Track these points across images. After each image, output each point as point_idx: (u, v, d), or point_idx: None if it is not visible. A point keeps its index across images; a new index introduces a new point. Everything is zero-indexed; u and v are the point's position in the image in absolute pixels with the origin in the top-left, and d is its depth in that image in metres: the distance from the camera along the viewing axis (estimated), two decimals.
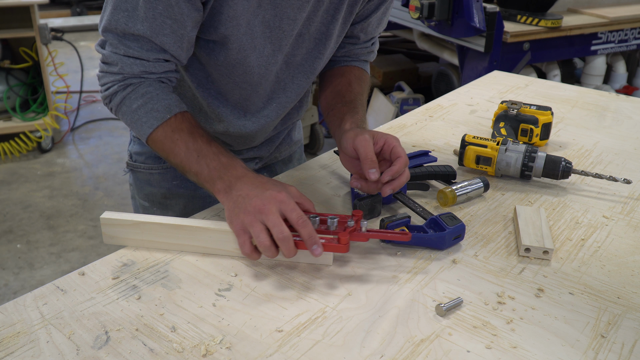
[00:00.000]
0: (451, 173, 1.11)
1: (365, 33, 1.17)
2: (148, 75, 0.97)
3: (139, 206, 1.28)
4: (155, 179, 1.22)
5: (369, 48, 1.23)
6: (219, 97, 1.10)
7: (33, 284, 2.61)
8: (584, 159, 1.26)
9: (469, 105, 1.57)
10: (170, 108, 0.97)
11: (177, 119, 0.97)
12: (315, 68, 1.12)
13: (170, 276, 0.86)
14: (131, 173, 1.26)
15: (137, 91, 0.97)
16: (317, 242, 0.83)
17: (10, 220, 3.15)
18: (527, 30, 2.75)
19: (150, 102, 0.97)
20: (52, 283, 0.84)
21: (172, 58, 0.97)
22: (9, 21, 3.62)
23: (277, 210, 0.84)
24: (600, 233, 0.99)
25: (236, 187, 0.89)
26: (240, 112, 1.12)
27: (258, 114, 1.13)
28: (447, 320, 0.78)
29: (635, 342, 0.75)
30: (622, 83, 3.39)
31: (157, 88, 0.98)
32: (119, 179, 3.60)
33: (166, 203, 1.24)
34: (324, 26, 1.06)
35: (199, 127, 0.98)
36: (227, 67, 1.02)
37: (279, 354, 0.72)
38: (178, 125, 0.96)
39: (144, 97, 0.97)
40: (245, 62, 1.01)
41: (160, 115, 0.96)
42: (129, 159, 1.25)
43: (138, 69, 0.96)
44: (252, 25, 0.96)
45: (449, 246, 0.93)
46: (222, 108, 1.10)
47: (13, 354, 0.71)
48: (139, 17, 0.90)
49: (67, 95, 4.27)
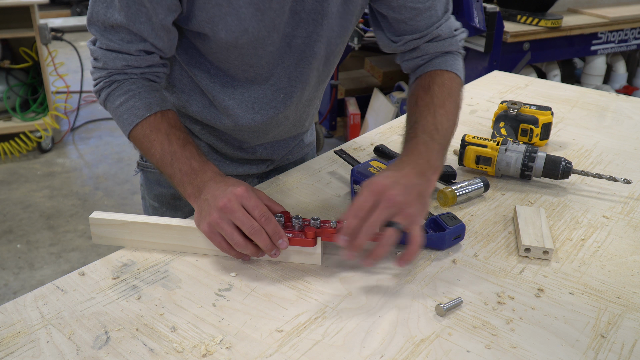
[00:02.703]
0: (451, 173, 1.11)
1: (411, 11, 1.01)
2: (131, 70, 0.97)
3: (148, 207, 1.27)
4: (164, 180, 1.21)
5: (430, 35, 1.04)
6: (224, 90, 1.07)
7: (33, 284, 2.61)
8: (584, 159, 1.26)
9: (469, 105, 1.57)
10: (151, 106, 0.96)
11: (157, 117, 0.96)
12: (316, 52, 1.03)
13: (170, 276, 0.86)
14: (142, 173, 1.25)
15: (121, 88, 0.97)
16: (282, 236, 0.84)
17: (10, 220, 3.15)
18: (527, 30, 2.75)
19: (132, 99, 0.96)
20: (52, 283, 0.84)
21: (154, 49, 0.96)
22: (9, 21, 3.62)
23: (240, 205, 0.84)
24: (600, 233, 0.99)
25: (204, 191, 0.88)
26: (247, 105, 1.08)
27: (266, 106, 1.08)
28: (447, 320, 0.78)
29: (635, 342, 0.75)
30: (622, 83, 3.39)
31: (140, 86, 0.97)
32: (119, 179, 3.60)
33: (175, 204, 1.23)
34: (318, 3, 0.97)
35: (177, 128, 0.96)
36: (222, 52, 0.99)
37: (279, 354, 0.72)
38: (156, 124, 0.95)
39: (126, 95, 0.96)
40: (237, 44, 0.96)
41: (140, 113, 0.95)
42: (139, 158, 1.24)
43: (120, 63, 0.95)
44: (235, 4, 0.91)
45: (449, 246, 0.93)
46: (228, 101, 1.07)
47: (13, 354, 0.71)
48: (116, 6, 0.90)
49: (67, 95, 4.27)
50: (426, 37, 1.06)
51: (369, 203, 0.81)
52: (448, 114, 0.99)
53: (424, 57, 1.08)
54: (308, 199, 1.08)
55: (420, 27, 1.04)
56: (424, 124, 0.96)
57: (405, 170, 0.86)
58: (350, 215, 0.81)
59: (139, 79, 0.98)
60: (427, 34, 1.05)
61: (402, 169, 0.87)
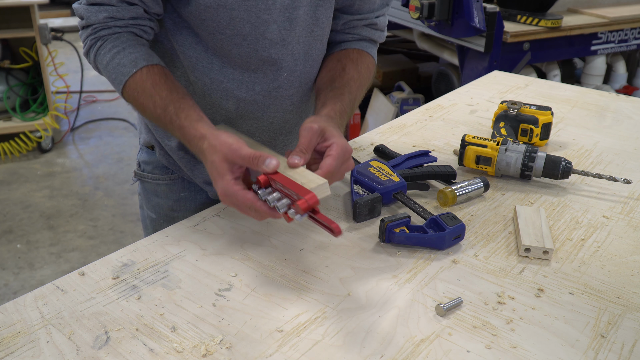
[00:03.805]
0: (451, 173, 1.11)
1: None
2: (114, 22, 0.95)
3: (146, 217, 1.26)
4: (162, 190, 1.20)
5: (370, 20, 1.12)
6: (223, 70, 1.04)
7: (33, 284, 2.61)
8: (584, 159, 1.26)
9: (469, 105, 1.57)
10: (137, 62, 0.94)
11: (142, 74, 0.94)
12: (319, 18, 1.04)
13: (170, 276, 0.86)
14: (139, 183, 1.24)
15: (106, 45, 0.95)
16: (275, 214, 0.82)
17: (10, 220, 3.15)
18: (527, 30, 2.75)
19: (118, 55, 0.94)
20: (52, 283, 0.84)
21: (138, 1, 0.94)
22: (9, 21, 3.62)
23: (233, 204, 0.85)
24: (600, 233, 0.99)
25: (203, 160, 0.89)
26: (248, 85, 1.05)
27: (268, 86, 1.06)
28: (447, 320, 0.78)
29: (635, 342, 0.75)
30: (622, 83, 3.39)
31: (125, 40, 0.95)
32: (119, 179, 3.60)
33: (173, 216, 1.21)
34: None
35: (161, 84, 0.94)
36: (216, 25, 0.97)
37: (279, 354, 0.72)
38: (142, 83, 0.94)
39: (112, 51, 0.95)
40: (227, 4, 0.94)
41: (126, 70, 0.94)
42: (137, 167, 1.22)
43: (102, 15, 0.93)
44: None
45: (449, 246, 0.93)
46: (227, 83, 1.04)
47: (13, 354, 0.71)
48: None
49: (67, 95, 4.27)
50: (365, 21, 1.13)
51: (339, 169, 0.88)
52: (362, 95, 1.11)
53: (354, 36, 1.15)
54: None
55: (363, 10, 1.12)
56: (350, 93, 1.05)
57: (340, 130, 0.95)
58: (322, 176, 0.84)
59: (123, 33, 0.96)
60: (366, 18, 1.13)
61: (339, 128, 0.96)
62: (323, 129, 0.89)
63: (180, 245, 0.94)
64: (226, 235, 0.96)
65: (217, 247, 0.93)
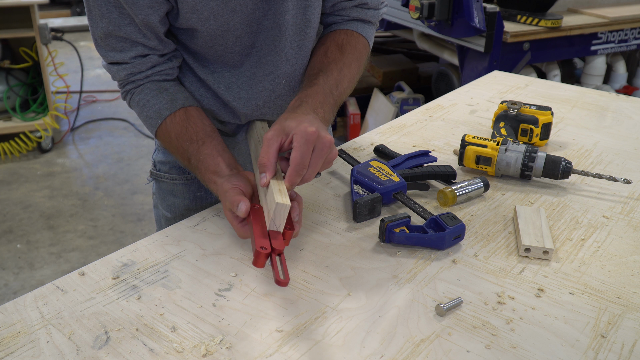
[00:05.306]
0: (451, 173, 1.11)
1: None
2: (135, 76, 1.00)
3: (161, 216, 1.26)
4: (179, 190, 1.21)
5: (359, 0, 1.08)
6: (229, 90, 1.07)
7: (33, 284, 2.61)
8: (584, 159, 1.26)
9: (469, 105, 1.57)
10: (160, 112, 0.99)
11: (167, 125, 1.00)
12: (310, 19, 1.03)
13: (170, 276, 0.86)
14: (154, 182, 1.24)
15: (134, 98, 1.02)
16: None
17: (10, 220, 3.15)
18: (527, 30, 2.75)
19: (144, 109, 1.01)
20: (52, 283, 0.84)
21: (148, 50, 0.97)
22: (9, 21, 3.62)
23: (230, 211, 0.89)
24: (600, 233, 0.99)
25: None
26: (242, 90, 1.07)
27: (269, 97, 1.08)
28: (447, 320, 0.78)
29: (635, 342, 0.75)
30: (622, 83, 3.39)
31: (148, 92, 1.00)
32: (119, 179, 3.60)
33: (189, 215, 1.21)
34: None
35: (182, 137, 0.98)
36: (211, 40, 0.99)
37: (279, 354, 0.72)
38: (167, 135, 1.00)
39: (139, 105, 1.02)
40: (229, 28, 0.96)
41: (154, 122, 1.00)
42: (152, 167, 1.23)
43: (123, 73, 1.00)
44: None
45: (449, 246, 0.93)
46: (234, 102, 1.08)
47: (13, 354, 0.71)
48: (98, 17, 0.93)
49: (67, 95, 4.27)
50: (355, 1, 1.09)
51: (308, 157, 0.84)
52: (350, 75, 1.05)
53: (343, 17, 1.11)
54: (308, 198, 1.08)
55: None
56: (327, 75, 1.01)
57: (311, 115, 0.90)
58: (293, 173, 0.83)
59: (146, 84, 1.01)
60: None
61: (308, 113, 0.90)
62: (280, 129, 0.86)
63: (180, 245, 0.94)
64: (226, 235, 0.96)
65: (217, 247, 0.93)
